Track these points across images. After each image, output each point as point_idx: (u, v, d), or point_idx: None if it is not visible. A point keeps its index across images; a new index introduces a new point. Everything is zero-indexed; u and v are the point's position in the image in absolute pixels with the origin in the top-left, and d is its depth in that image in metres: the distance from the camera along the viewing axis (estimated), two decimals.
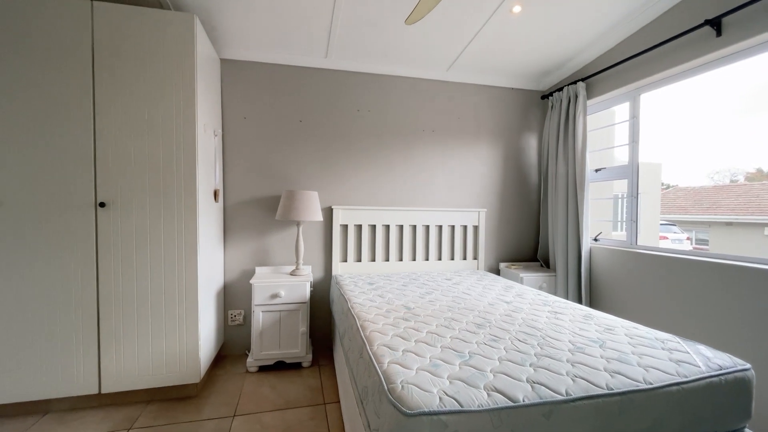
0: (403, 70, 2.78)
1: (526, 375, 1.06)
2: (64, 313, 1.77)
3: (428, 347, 1.27)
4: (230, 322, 2.54)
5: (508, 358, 1.18)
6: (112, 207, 1.80)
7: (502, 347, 1.28)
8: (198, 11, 2.06)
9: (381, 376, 1.06)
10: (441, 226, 2.89)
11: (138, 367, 1.86)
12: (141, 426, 1.70)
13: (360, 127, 2.74)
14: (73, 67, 1.74)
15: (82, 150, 1.76)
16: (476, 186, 2.99)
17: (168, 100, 1.85)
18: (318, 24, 2.20)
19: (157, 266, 1.87)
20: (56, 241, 1.75)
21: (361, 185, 2.75)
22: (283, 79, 2.60)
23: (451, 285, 2.30)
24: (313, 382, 2.16)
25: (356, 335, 1.48)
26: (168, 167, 1.86)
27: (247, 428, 1.69)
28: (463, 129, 2.95)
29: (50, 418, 1.76)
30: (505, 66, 2.77)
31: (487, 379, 1.04)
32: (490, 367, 1.11)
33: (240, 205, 2.55)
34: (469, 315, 1.66)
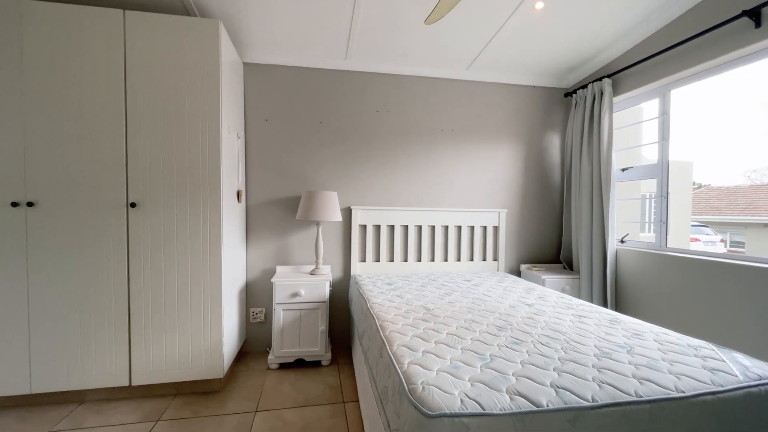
0: (422, 70, 2.77)
1: (549, 379, 1.04)
2: (98, 309, 1.86)
3: (448, 349, 1.26)
4: (252, 320, 2.61)
5: (530, 362, 1.16)
6: (141, 207, 1.88)
7: (525, 350, 1.25)
8: (222, 17, 2.12)
9: (401, 377, 1.06)
10: (460, 227, 2.86)
11: (165, 361, 1.93)
12: (168, 418, 1.77)
13: (379, 128, 2.75)
14: (107, 73, 1.82)
15: (114, 152, 1.84)
16: (496, 186, 2.95)
17: (194, 104, 1.92)
18: (338, 26, 2.22)
19: (183, 264, 1.93)
20: (91, 239, 1.84)
21: (380, 186, 2.76)
22: (303, 81, 2.64)
23: (471, 286, 2.27)
24: (332, 380, 2.18)
25: (376, 335, 1.49)
26: (194, 169, 1.93)
27: (269, 424, 1.73)
28: (483, 128, 2.91)
29: (85, 408, 1.86)
30: (526, 63, 2.72)
31: (510, 382, 1.02)
32: (513, 371, 1.09)
33: (262, 206, 2.60)
34: (490, 317, 1.64)
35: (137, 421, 1.74)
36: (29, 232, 1.78)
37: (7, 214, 1.75)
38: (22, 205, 1.77)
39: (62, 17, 1.77)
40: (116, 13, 1.82)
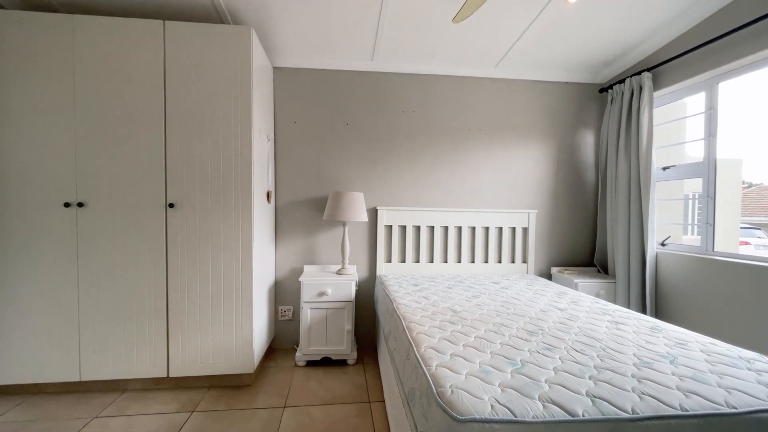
0: (449, 69, 2.74)
1: (585, 388, 1.00)
2: (140, 303, 1.97)
3: (477, 352, 1.23)
4: (280, 317, 2.67)
5: (564, 369, 1.11)
6: (179, 207, 1.98)
7: (557, 357, 1.21)
8: (254, 24, 2.18)
9: (429, 379, 1.05)
10: (488, 228, 2.80)
11: (200, 355, 2.02)
12: (203, 409, 1.85)
13: (405, 128, 2.74)
14: (149, 80, 1.93)
15: (154, 156, 1.95)
16: (526, 186, 2.86)
17: (227, 108, 1.99)
18: (364, 28, 2.24)
19: (216, 262, 2.01)
20: (134, 238, 1.95)
21: (406, 186, 2.75)
22: (329, 83, 2.68)
23: (499, 289, 2.22)
24: (358, 379, 2.20)
25: (402, 336, 1.49)
26: (227, 171, 2.00)
27: (297, 420, 1.76)
28: (513, 127, 2.83)
29: (127, 396, 1.97)
30: (558, 59, 2.62)
31: (542, 389, 0.99)
32: (545, 378, 1.06)
33: (290, 206, 2.66)
34: (520, 321, 1.59)
35: (175, 411, 1.83)
36: (79, 230, 1.91)
37: (60, 213, 1.90)
38: (74, 206, 1.90)
39: (109, 29, 1.89)
40: (157, 24, 1.92)
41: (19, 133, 1.86)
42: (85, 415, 1.78)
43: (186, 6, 2.03)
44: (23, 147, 1.87)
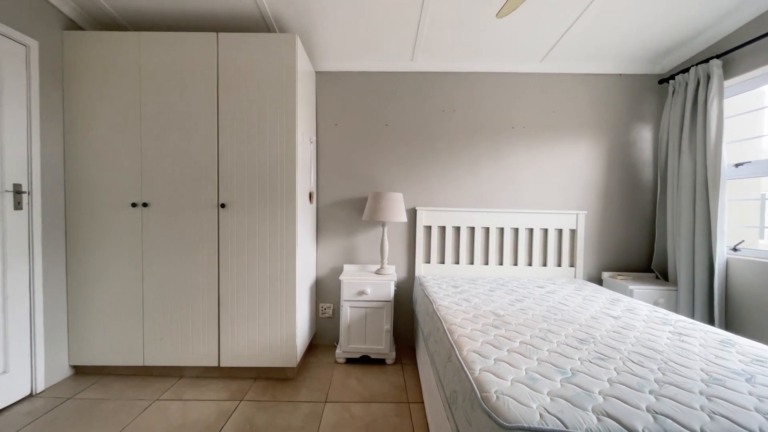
0: (491, 66, 2.66)
1: (645, 403, 0.92)
2: (195, 296, 2.12)
3: (523, 359, 1.19)
4: (321, 315, 2.75)
5: (620, 381, 1.04)
6: (229, 207, 2.10)
7: (612, 368, 1.13)
8: (298, 30, 2.27)
9: (473, 383, 1.03)
10: (532, 229, 2.69)
11: (247, 347, 2.13)
12: (250, 399, 1.95)
13: (445, 128, 2.71)
14: (204, 89, 2.07)
15: (209, 159, 2.09)
16: (574, 186, 2.71)
17: (273, 113, 2.08)
18: (404, 29, 2.24)
19: (263, 260, 2.11)
20: (190, 236, 2.10)
21: (446, 186, 2.72)
22: (370, 85, 2.71)
23: (545, 293, 2.12)
24: (396, 379, 2.20)
25: (443, 338, 1.47)
26: (273, 172, 2.09)
27: (338, 415, 1.80)
28: (559, 124, 2.70)
29: (183, 382, 2.13)
30: (611, 50, 2.45)
31: (596, 401, 0.93)
32: (599, 389, 0.99)
33: (331, 206, 2.73)
34: (568, 328, 1.51)
35: (225, 398, 1.95)
36: (144, 228, 2.10)
37: (128, 213, 2.09)
38: (139, 206, 2.09)
39: (170, 43, 2.06)
40: (211, 36, 2.06)
41: (95, 140, 2.08)
42: (148, 397, 1.95)
43: (237, 17, 2.16)
44: (98, 153, 2.08)
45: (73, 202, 2.10)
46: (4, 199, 1.78)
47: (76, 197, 2.09)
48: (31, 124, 1.89)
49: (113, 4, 2.07)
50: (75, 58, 2.07)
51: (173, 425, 1.71)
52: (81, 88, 2.07)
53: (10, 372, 1.82)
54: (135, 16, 2.17)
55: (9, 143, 1.79)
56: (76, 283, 2.11)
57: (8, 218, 1.80)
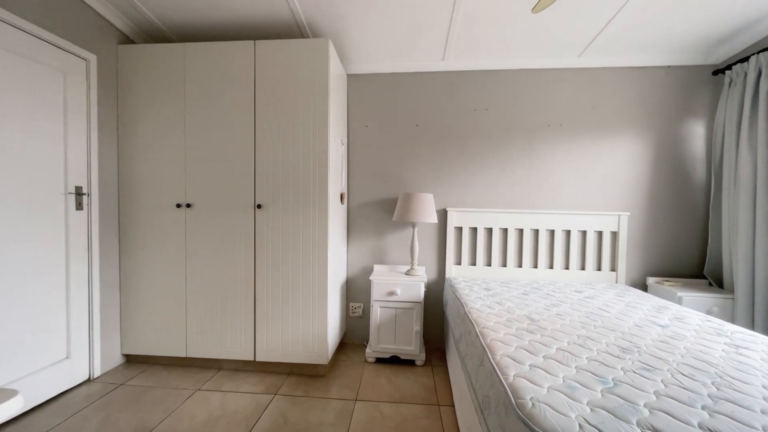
0: (525, 62, 2.58)
1: (697, 419, 0.86)
2: (233, 292, 2.22)
3: (560, 366, 1.14)
4: (351, 314, 2.79)
5: (668, 394, 0.98)
6: (265, 208, 2.18)
7: (659, 380, 1.06)
8: (331, 35, 2.32)
9: (507, 389, 1.01)
10: (569, 231, 2.58)
11: (281, 343, 2.20)
12: (284, 393, 2.01)
13: (476, 127, 2.66)
14: (242, 95, 2.17)
15: (246, 162, 2.18)
16: (615, 186, 2.57)
17: (306, 116, 2.14)
18: (436, 28, 2.22)
19: (296, 259, 2.18)
20: (229, 235, 2.20)
21: (477, 187, 2.67)
22: (400, 86, 2.71)
23: (583, 298, 2.03)
24: (426, 381, 2.19)
25: (475, 341, 1.44)
26: (306, 174, 2.15)
27: (368, 414, 1.82)
28: (599, 120, 2.57)
29: (222, 374, 2.23)
30: (657, 40, 2.30)
31: (641, 414, 0.88)
32: (644, 401, 0.94)
33: (361, 207, 2.76)
34: (610, 336, 1.43)
35: (261, 392, 2.03)
36: (187, 227, 2.23)
37: (173, 213, 2.23)
38: (183, 206, 2.22)
39: (211, 52, 2.17)
40: (249, 44, 2.15)
41: (144, 146, 2.24)
42: (191, 387, 2.07)
43: (273, 24, 2.23)
44: (147, 157, 2.24)
45: (126, 203, 2.27)
46: (67, 200, 1.95)
47: (127, 199, 2.26)
48: (90, 131, 2.06)
49: (161, 18, 2.21)
50: (128, 70, 2.23)
51: (213, 414, 1.80)
52: (133, 98, 2.24)
53: (72, 358, 1.99)
54: (180, 28, 2.31)
55: (72, 149, 1.97)
56: (127, 278, 2.28)
57: (71, 218, 1.97)
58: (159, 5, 2.10)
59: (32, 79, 1.77)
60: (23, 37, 1.71)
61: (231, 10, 2.11)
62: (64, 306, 1.95)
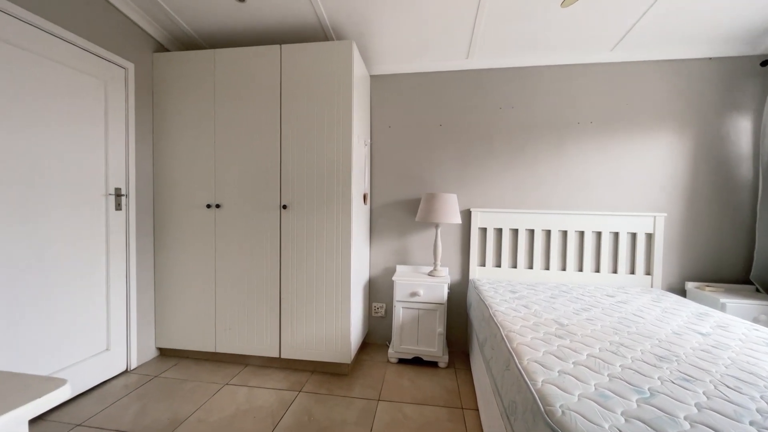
0: (553, 58, 2.50)
1: None
2: (259, 290, 2.28)
3: (591, 373, 1.10)
4: (373, 314, 2.80)
5: (711, 407, 0.92)
6: (290, 208, 2.23)
7: (701, 391, 1.00)
8: (355, 37, 2.34)
9: (535, 395, 0.98)
10: (600, 233, 2.48)
11: (305, 341, 2.24)
12: (308, 391, 2.05)
13: (502, 126, 2.60)
14: (268, 98, 2.22)
15: (272, 163, 2.23)
16: (651, 185, 2.45)
17: (330, 117, 2.17)
18: (460, 26, 2.19)
19: (320, 259, 2.21)
20: (256, 235, 2.27)
21: (503, 187, 2.61)
22: (423, 85, 2.70)
23: (615, 303, 1.94)
24: (449, 383, 2.17)
25: (500, 345, 1.41)
26: (330, 175, 2.18)
27: (391, 415, 1.82)
28: (633, 117, 2.45)
29: (248, 370, 2.30)
30: (698, 30, 2.17)
31: (681, 427, 0.83)
32: (684, 414, 0.89)
33: (384, 207, 2.77)
34: (645, 343, 1.37)
35: (285, 388, 2.07)
36: (217, 227, 2.31)
37: (204, 213, 2.32)
38: (213, 207, 2.30)
39: (239, 57, 2.24)
40: (275, 48, 2.20)
41: (177, 149, 2.34)
42: (220, 381, 2.14)
43: (298, 28, 2.28)
44: (179, 160, 2.34)
45: (160, 203, 2.38)
46: (108, 201, 2.07)
47: (161, 199, 2.37)
48: (128, 136, 2.18)
49: (193, 26, 2.31)
50: (162, 77, 2.34)
51: (241, 409, 1.85)
52: (166, 103, 2.34)
53: (111, 350, 2.11)
54: (210, 35, 2.40)
55: (112, 153, 2.08)
56: (161, 274, 2.39)
57: (111, 218, 2.09)
58: (191, 14, 2.19)
59: (77, 87, 1.89)
60: (70, 48, 1.83)
61: (258, 16, 2.17)
62: (105, 301, 2.07)
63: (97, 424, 1.70)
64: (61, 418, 1.74)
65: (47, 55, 1.73)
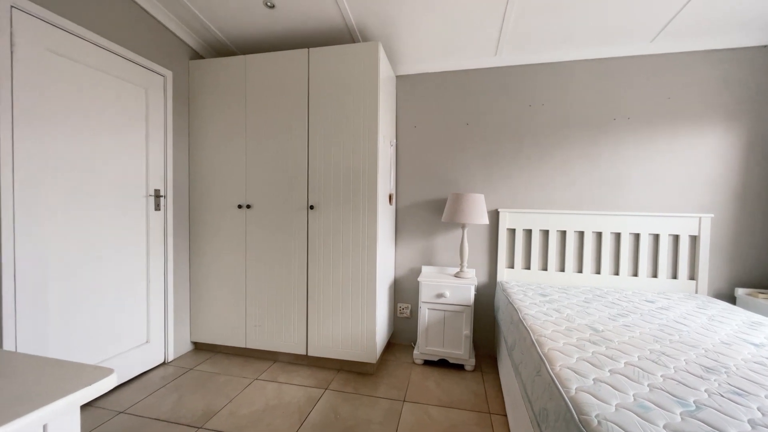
0: (587, 52, 2.40)
1: None
2: (288, 288, 2.33)
3: (630, 382, 1.04)
4: (399, 314, 2.79)
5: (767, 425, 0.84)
6: (317, 209, 2.27)
7: (755, 407, 0.92)
8: (381, 38, 2.35)
9: (568, 403, 0.94)
10: (638, 235, 2.35)
11: (331, 339, 2.27)
12: (334, 389, 2.07)
13: (532, 124, 2.52)
14: (297, 100, 2.27)
15: (300, 164, 2.28)
16: (695, 184, 2.29)
17: (357, 118, 2.19)
18: (488, 23, 2.15)
19: (346, 258, 2.23)
20: (285, 234, 2.32)
21: (532, 186, 2.53)
22: (449, 84, 2.66)
23: (656, 309, 1.83)
24: (476, 387, 2.13)
25: (530, 350, 1.37)
26: (356, 176, 2.20)
27: (416, 417, 1.81)
28: (676, 111, 2.30)
29: (277, 366, 2.36)
30: (750, 17, 2.01)
31: None
32: (736, 430, 0.82)
33: (409, 208, 2.76)
34: (690, 352, 1.28)
35: (312, 385, 2.11)
36: (247, 226, 2.39)
37: (235, 213, 2.40)
38: (244, 207, 2.38)
39: (269, 62, 2.31)
40: (303, 52, 2.25)
41: (210, 152, 2.44)
42: (250, 376, 2.21)
43: (324, 30, 2.32)
44: (213, 163, 2.44)
45: (195, 204, 2.49)
46: (148, 201, 2.19)
47: (196, 200, 2.48)
48: (166, 140, 2.30)
49: (225, 33, 2.40)
50: (197, 83, 2.45)
51: (270, 403, 1.91)
52: (201, 108, 2.45)
53: (151, 342, 2.23)
54: (242, 41, 2.49)
55: (152, 156, 2.21)
56: (196, 272, 2.50)
57: (151, 218, 2.21)
58: (224, 21, 2.28)
59: (122, 95, 2.01)
60: (115, 58, 1.96)
61: (286, 21, 2.23)
62: (145, 296, 2.20)
63: (138, 412, 1.81)
64: (105, 404, 1.86)
65: (95, 66, 1.86)
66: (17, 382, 0.65)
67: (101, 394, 0.88)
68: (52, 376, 0.67)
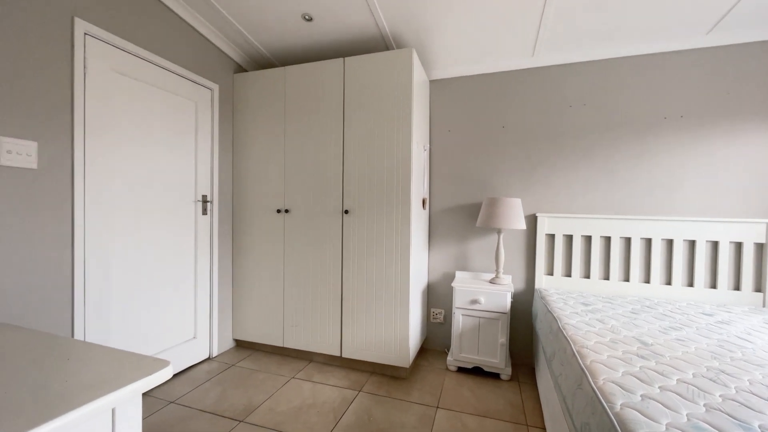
0: (633, 48, 2.27)
1: None
2: (323, 290, 2.40)
3: (683, 401, 0.97)
4: (432, 320, 2.77)
5: None
6: (352, 213, 2.32)
7: None
8: (415, 44, 2.37)
9: (613, 419, 0.89)
10: (693, 242, 2.17)
11: (365, 342, 2.30)
12: (367, 391, 2.10)
13: (572, 125, 2.42)
14: (334, 108, 2.35)
15: (335, 170, 2.35)
16: (760, 186, 2.09)
17: (391, 124, 2.22)
18: (525, 22, 2.10)
19: (379, 262, 2.26)
20: (320, 238, 2.40)
21: (573, 190, 2.42)
22: (485, 87, 2.62)
23: (714, 323, 1.69)
24: (513, 397, 2.06)
25: (571, 361, 1.31)
26: (389, 181, 2.23)
27: (450, 424, 1.79)
28: (736, 108, 2.12)
29: (312, 366, 2.43)
30: None
31: None
32: None
33: (443, 212, 2.74)
34: (755, 372, 1.17)
35: (346, 387, 2.15)
36: (285, 230, 2.49)
37: (274, 217, 2.51)
38: (282, 212, 2.49)
39: (306, 73, 2.40)
40: (339, 62, 2.32)
41: (252, 159, 2.58)
42: (286, 374, 2.29)
43: (359, 38, 2.38)
44: (254, 170, 2.57)
45: (238, 209, 2.63)
46: (196, 206, 2.35)
47: (239, 205, 2.63)
48: (213, 148, 2.46)
49: (266, 46, 2.53)
50: (241, 95, 2.60)
51: (306, 402, 1.97)
52: (243, 118, 2.60)
53: (197, 338, 2.39)
54: (281, 53, 2.61)
55: (200, 164, 2.37)
56: (238, 272, 2.64)
57: (198, 221, 2.37)
58: (264, 35, 2.41)
59: (176, 108, 2.19)
60: (170, 75, 2.13)
61: (323, 32, 2.31)
62: (193, 294, 2.35)
63: (186, 403, 1.93)
64: (157, 394, 2.01)
65: (151, 82, 2.04)
66: (89, 369, 0.73)
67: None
68: (118, 365, 0.74)
